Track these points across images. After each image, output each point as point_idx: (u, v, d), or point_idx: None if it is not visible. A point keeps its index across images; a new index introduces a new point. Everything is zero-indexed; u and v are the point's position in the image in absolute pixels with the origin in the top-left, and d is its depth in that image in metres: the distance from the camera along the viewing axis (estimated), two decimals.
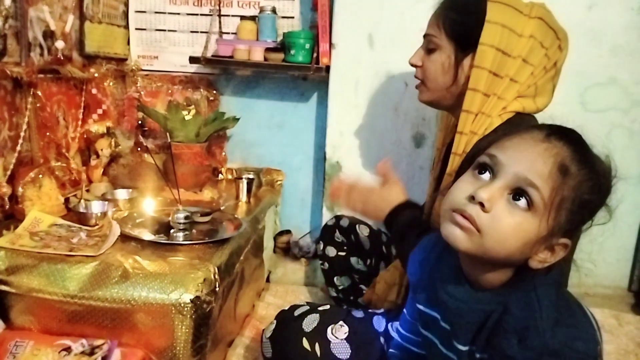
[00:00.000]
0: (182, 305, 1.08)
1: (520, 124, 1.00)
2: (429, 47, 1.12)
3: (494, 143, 0.75)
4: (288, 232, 2.01)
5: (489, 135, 1.02)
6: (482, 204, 0.69)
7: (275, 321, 1.15)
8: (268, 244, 1.80)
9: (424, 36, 1.14)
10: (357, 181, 1.21)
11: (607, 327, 1.67)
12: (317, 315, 1.11)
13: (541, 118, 1.72)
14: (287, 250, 1.98)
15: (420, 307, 0.89)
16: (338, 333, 1.09)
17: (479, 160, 0.75)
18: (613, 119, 1.76)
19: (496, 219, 0.69)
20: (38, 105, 1.41)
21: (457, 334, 0.79)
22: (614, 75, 1.74)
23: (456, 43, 1.07)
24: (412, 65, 1.18)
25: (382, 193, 1.16)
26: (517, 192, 0.69)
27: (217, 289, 1.15)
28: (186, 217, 1.33)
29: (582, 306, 0.77)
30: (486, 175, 0.73)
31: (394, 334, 1.07)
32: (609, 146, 1.94)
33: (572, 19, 1.67)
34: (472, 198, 0.70)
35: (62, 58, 1.48)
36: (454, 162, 1.08)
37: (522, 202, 0.69)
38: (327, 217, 1.78)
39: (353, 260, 1.54)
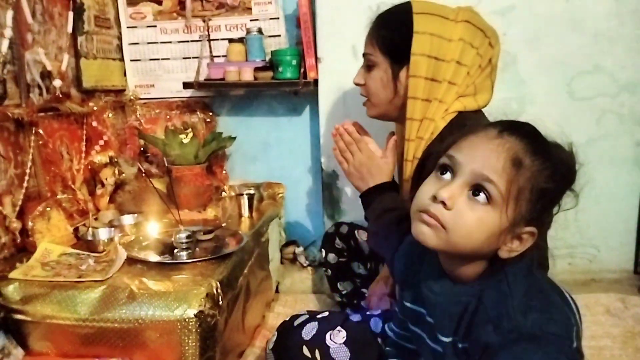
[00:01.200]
0: (187, 320, 1.13)
1: (463, 122, 1.05)
2: (368, 65, 1.18)
3: (451, 145, 0.79)
4: (294, 242, 2.05)
5: (437, 138, 1.07)
6: (444, 203, 0.73)
7: (276, 332, 1.18)
8: (274, 255, 1.85)
9: (363, 55, 1.20)
10: (364, 138, 1.22)
11: (613, 311, 1.68)
12: (316, 323, 1.14)
13: (533, 111, 1.74)
14: (294, 260, 2.02)
15: (407, 304, 0.92)
16: (336, 338, 1.10)
17: (439, 162, 0.79)
18: (602, 106, 1.78)
19: (459, 215, 0.73)
20: (41, 142, 1.48)
21: (440, 326, 0.83)
22: (599, 62, 1.76)
23: (390, 58, 1.13)
24: (355, 84, 1.23)
25: (378, 163, 1.18)
26: (476, 188, 0.73)
27: (221, 302, 1.20)
28: (188, 237, 1.38)
29: (559, 289, 0.79)
30: (447, 176, 0.76)
31: (389, 332, 1.10)
32: (599, 133, 1.96)
33: (552, 10, 1.72)
34: (434, 198, 0.74)
35: (60, 96, 1.55)
36: (407, 169, 1.12)
37: (481, 197, 0.72)
38: (328, 225, 1.82)
39: (354, 265, 1.58)
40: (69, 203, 1.57)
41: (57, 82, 1.54)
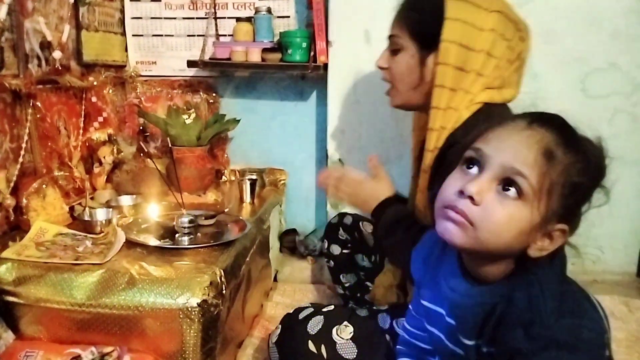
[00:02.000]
0: (190, 309, 1.09)
1: (489, 113, 1.02)
2: (394, 48, 1.13)
3: (476, 138, 0.75)
4: (293, 231, 2.01)
5: (460, 128, 1.03)
6: (472, 198, 0.69)
7: (280, 326, 1.15)
8: (274, 243, 1.81)
9: (388, 37, 1.15)
10: (346, 172, 1.23)
11: (617, 314, 1.66)
12: (322, 317, 1.11)
13: (544, 107, 1.71)
14: (293, 249, 1.98)
15: (425, 303, 0.89)
16: (343, 334, 1.08)
17: (465, 155, 0.75)
18: (616, 104, 1.75)
19: (488, 211, 0.69)
20: (38, 116, 1.41)
21: (463, 328, 0.79)
22: (615, 60, 1.73)
23: (419, 42, 1.08)
24: (379, 67, 1.18)
25: (370, 186, 1.19)
26: (506, 182, 0.69)
27: (224, 291, 1.16)
28: (190, 221, 1.33)
29: (587, 294, 0.77)
30: (474, 170, 0.73)
31: (399, 331, 1.07)
32: (612, 132, 1.94)
33: (571, 6, 1.69)
34: (461, 193, 0.71)
35: (60, 68, 1.48)
36: (427, 159, 1.08)
37: (512, 191, 0.69)
38: (331, 214, 1.78)
39: (358, 257, 1.54)
40: (65, 181, 1.51)
41: (57, 54, 1.47)
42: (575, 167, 0.68)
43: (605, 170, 0.72)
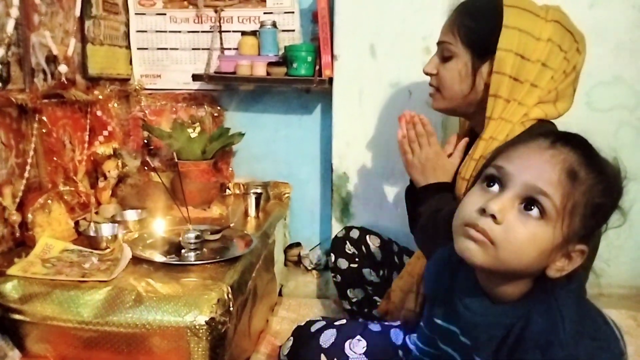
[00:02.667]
0: (197, 327, 1.07)
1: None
2: (445, 55, 1.11)
3: (497, 155, 0.75)
4: (298, 244, 2.00)
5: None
6: (493, 216, 0.69)
7: (292, 338, 1.14)
8: (279, 257, 1.80)
9: (438, 43, 1.14)
10: (435, 134, 1.19)
11: (625, 329, 1.64)
12: (334, 330, 1.10)
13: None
14: (298, 263, 1.97)
15: (439, 321, 0.88)
16: (356, 348, 1.07)
17: (486, 172, 0.74)
18: (620, 118, 1.75)
19: (509, 230, 0.68)
20: (44, 130, 1.41)
21: (478, 348, 0.78)
22: (619, 73, 1.73)
23: (473, 50, 1.07)
24: (426, 73, 1.17)
25: (443, 162, 1.16)
26: (528, 202, 0.68)
27: (232, 308, 1.15)
28: (197, 237, 1.32)
29: (603, 315, 0.75)
30: (495, 188, 0.72)
31: (412, 347, 1.06)
32: (616, 145, 1.93)
33: (574, 18, 1.68)
34: (483, 211, 0.70)
35: (65, 82, 1.48)
36: (469, 167, 1.07)
37: (535, 211, 0.68)
38: (336, 228, 1.77)
39: (365, 271, 1.53)
40: (70, 195, 1.50)
41: (62, 68, 1.46)
42: (598, 188, 0.68)
43: (622, 190, 0.72)
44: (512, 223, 0.68)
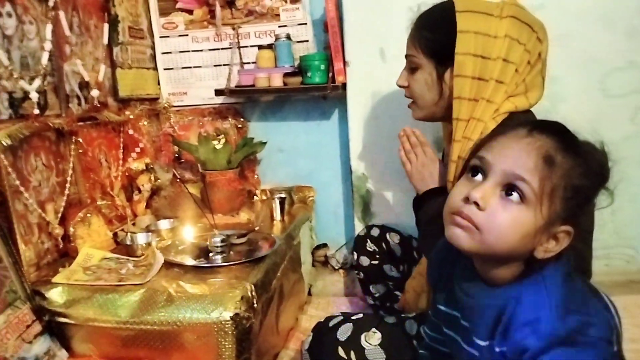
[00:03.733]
0: (223, 322, 1.16)
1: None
2: (411, 67, 1.16)
3: (480, 147, 0.79)
4: (324, 245, 2.06)
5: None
6: (477, 203, 0.73)
7: (311, 334, 1.19)
8: (306, 258, 1.87)
9: (405, 57, 1.18)
10: (429, 144, 1.24)
11: None
12: (351, 324, 1.15)
13: (565, 109, 1.69)
14: (325, 263, 2.03)
15: (442, 307, 0.92)
16: (371, 340, 1.11)
17: (470, 163, 0.79)
18: (636, 103, 1.73)
19: (492, 215, 0.72)
20: (80, 151, 1.53)
21: (476, 330, 0.82)
22: (633, 58, 1.71)
23: (434, 59, 1.11)
24: (399, 86, 1.22)
25: (438, 168, 1.20)
26: (509, 188, 0.72)
27: (255, 305, 1.23)
28: (222, 241, 1.41)
29: (597, 291, 0.78)
30: (479, 177, 0.76)
31: (424, 336, 1.10)
32: (632, 131, 1.90)
33: (584, 7, 1.69)
34: (467, 199, 0.74)
35: (98, 105, 1.61)
36: (451, 169, 1.11)
37: (515, 196, 0.72)
38: (359, 227, 1.83)
39: (386, 267, 1.58)
40: (108, 209, 1.62)
41: (94, 92, 1.59)
42: (576, 171, 0.71)
43: (608, 173, 0.74)
44: (494, 208, 0.72)
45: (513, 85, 1.06)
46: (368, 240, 1.62)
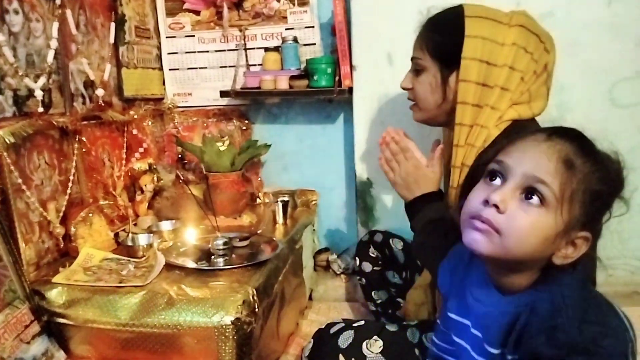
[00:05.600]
0: (224, 327, 1.14)
1: (518, 131, 1.02)
2: (416, 69, 1.16)
3: (498, 152, 0.78)
4: (327, 250, 2.05)
5: (490, 147, 1.04)
6: (497, 206, 0.72)
7: (312, 340, 1.18)
8: (308, 262, 1.85)
9: (411, 59, 1.18)
10: (412, 147, 1.19)
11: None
12: (352, 331, 1.14)
13: (572, 119, 1.69)
14: (327, 267, 2.02)
15: (452, 315, 0.91)
16: (373, 347, 1.11)
17: (488, 168, 0.78)
18: None
19: (512, 218, 0.72)
20: (84, 150, 1.52)
21: (489, 338, 0.81)
22: None
23: (440, 62, 1.11)
24: (403, 88, 1.22)
25: (424, 173, 1.16)
26: (529, 191, 0.72)
27: (257, 309, 1.21)
28: (225, 243, 1.40)
29: (612, 304, 0.77)
30: (497, 181, 0.76)
31: (429, 345, 1.09)
32: None
33: (593, 16, 1.69)
34: (486, 202, 0.74)
35: (103, 104, 1.60)
36: (454, 176, 1.10)
37: (535, 199, 0.71)
38: (362, 233, 1.81)
39: (389, 274, 1.57)
40: (110, 209, 1.61)
41: (99, 91, 1.59)
42: (595, 176, 0.71)
43: (624, 181, 0.74)
44: (515, 212, 0.72)
45: (518, 93, 1.06)
46: (371, 245, 1.60)
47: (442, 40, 1.10)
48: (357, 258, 1.62)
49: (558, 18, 1.68)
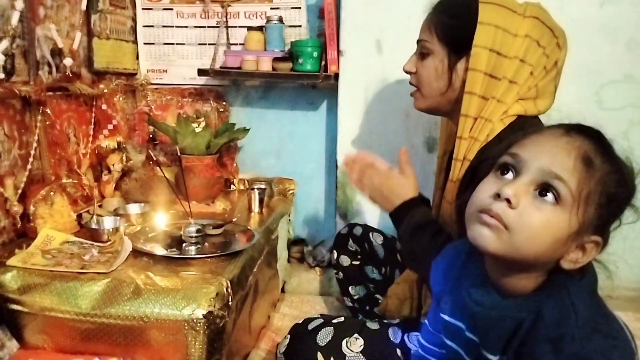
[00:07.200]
0: (195, 321, 1.07)
1: (523, 126, 0.98)
2: (422, 52, 1.11)
3: (511, 145, 0.74)
4: (302, 241, 2.00)
5: (494, 141, 1.00)
6: (508, 201, 0.68)
7: (289, 336, 1.13)
8: (282, 253, 1.79)
9: (417, 42, 1.13)
10: (376, 161, 1.16)
11: (632, 332, 1.62)
12: (332, 328, 1.09)
13: (558, 119, 1.69)
14: (302, 259, 1.97)
15: (445, 317, 0.86)
16: (353, 346, 1.06)
17: (500, 161, 0.74)
18: (631, 117, 1.72)
19: (524, 215, 0.67)
20: (48, 123, 1.42)
21: (487, 343, 0.77)
22: (630, 71, 1.70)
23: (449, 47, 1.06)
24: (406, 72, 1.16)
25: (397, 182, 1.12)
26: (544, 187, 0.68)
27: (230, 303, 1.14)
28: (198, 231, 1.32)
29: (614, 315, 0.74)
30: (509, 175, 0.71)
31: (411, 345, 1.04)
32: (627, 145, 1.89)
33: (585, 16, 1.67)
34: (497, 196, 0.69)
35: (70, 75, 1.49)
36: (455, 169, 1.06)
37: (550, 196, 0.67)
38: (340, 225, 1.76)
39: (368, 269, 1.52)
40: (74, 188, 1.51)
41: (67, 61, 1.47)
42: (612, 178, 0.68)
43: (636, 187, 0.71)
44: (527, 208, 0.68)
45: (525, 88, 1.02)
46: (350, 239, 1.55)
47: (453, 24, 1.05)
48: (334, 251, 1.57)
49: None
